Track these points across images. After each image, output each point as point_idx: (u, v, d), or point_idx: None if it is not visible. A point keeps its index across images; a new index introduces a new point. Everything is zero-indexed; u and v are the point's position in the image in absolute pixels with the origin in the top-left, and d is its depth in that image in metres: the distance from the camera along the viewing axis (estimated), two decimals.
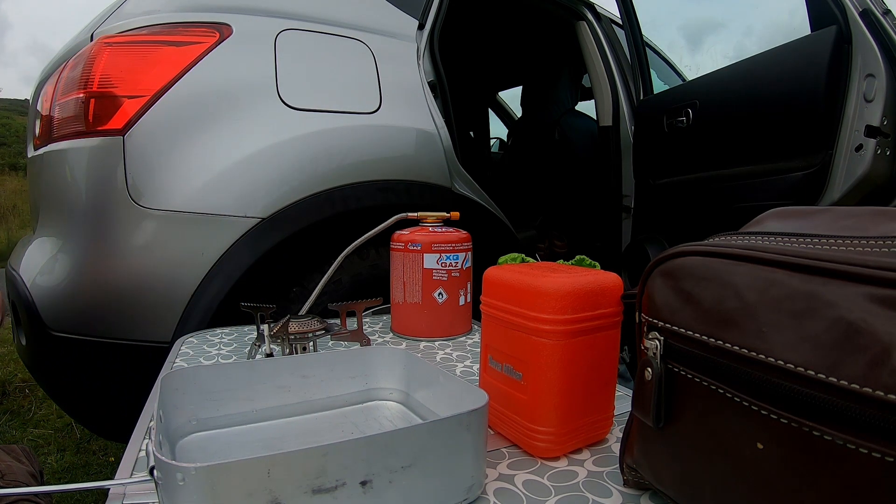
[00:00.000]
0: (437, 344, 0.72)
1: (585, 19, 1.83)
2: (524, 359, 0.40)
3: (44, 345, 0.90)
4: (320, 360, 0.46)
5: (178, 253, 0.88)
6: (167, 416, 0.37)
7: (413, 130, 1.14)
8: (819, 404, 0.21)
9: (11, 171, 11.10)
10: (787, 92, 1.18)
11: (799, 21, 1.25)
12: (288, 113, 0.99)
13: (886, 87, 1.08)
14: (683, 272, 0.28)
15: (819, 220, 0.28)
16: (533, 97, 2.50)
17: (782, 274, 0.24)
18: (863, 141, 1.11)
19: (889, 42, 1.09)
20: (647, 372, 0.30)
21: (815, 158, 1.17)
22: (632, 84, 1.79)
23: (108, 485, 0.33)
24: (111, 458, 1.60)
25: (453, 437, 0.32)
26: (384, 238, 0.77)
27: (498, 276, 0.43)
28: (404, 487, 0.30)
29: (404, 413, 0.46)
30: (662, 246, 1.56)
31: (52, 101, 0.93)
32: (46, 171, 0.94)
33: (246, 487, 0.26)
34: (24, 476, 0.54)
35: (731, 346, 0.25)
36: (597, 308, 0.39)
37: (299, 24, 1.06)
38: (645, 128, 1.66)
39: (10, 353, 2.41)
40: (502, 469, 0.38)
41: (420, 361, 0.45)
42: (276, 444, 0.40)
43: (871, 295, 0.21)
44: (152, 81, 0.89)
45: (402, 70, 1.18)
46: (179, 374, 0.39)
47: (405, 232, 0.75)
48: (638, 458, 0.33)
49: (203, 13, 0.97)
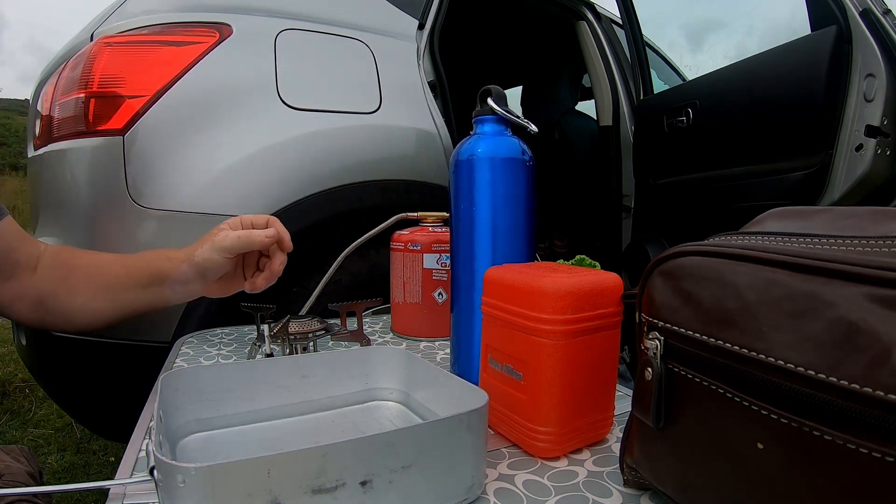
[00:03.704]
0: (437, 344, 0.72)
1: (585, 19, 1.83)
2: (524, 359, 0.40)
3: (44, 345, 0.91)
4: (320, 360, 0.46)
5: None
6: (167, 416, 0.37)
7: (413, 130, 1.14)
8: (819, 404, 0.21)
9: (11, 171, 11.11)
10: (788, 92, 1.18)
11: (799, 21, 1.25)
12: (288, 113, 0.99)
13: (886, 87, 1.08)
14: (683, 272, 0.28)
15: (819, 220, 0.28)
16: (533, 97, 2.50)
17: (782, 274, 0.24)
18: (863, 141, 1.11)
19: (889, 42, 1.09)
20: (647, 372, 0.30)
21: (815, 158, 1.17)
22: (632, 84, 1.79)
23: (108, 485, 0.33)
24: (111, 458, 1.60)
25: (453, 437, 0.32)
26: (384, 238, 0.77)
27: (498, 275, 0.43)
28: (404, 487, 0.30)
29: (404, 413, 0.46)
30: (662, 246, 1.56)
31: (52, 101, 0.93)
32: (46, 171, 0.94)
33: (246, 487, 0.26)
34: (24, 476, 0.54)
35: (731, 345, 0.25)
36: (597, 308, 0.39)
37: (299, 24, 1.06)
38: (645, 128, 1.66)
39: (10, 353, 2.41)
40: (502, 469, 0.38)
41: (420, 361, 0.45)
42: (276, 444, 0.40)
43: (872, 295, 0.21)
44: (152, 81, 0.89)
45: (403, 70, 1.18)
46: (179, 374, 0.39)
47: (405, 232, 0.75)
48: (638, 458, 0.33)
49: (203, 13, 0.97)
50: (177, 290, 0.65)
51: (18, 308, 0.64)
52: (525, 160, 0.52)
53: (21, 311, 0.64)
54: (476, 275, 0.51)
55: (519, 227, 0.52)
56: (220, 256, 0.61)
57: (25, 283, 0.63)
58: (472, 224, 0.52)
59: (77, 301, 0.64)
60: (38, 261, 0.65)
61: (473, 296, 0.52)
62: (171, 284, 0.64)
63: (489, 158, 0.51)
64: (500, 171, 0.51)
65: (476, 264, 0.52)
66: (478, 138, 0.53)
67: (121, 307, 0.66)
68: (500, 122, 0.53)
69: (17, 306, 0.64)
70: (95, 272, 0.65)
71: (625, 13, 1.73)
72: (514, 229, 0.52)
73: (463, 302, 0.54)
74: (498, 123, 0.53)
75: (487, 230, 0.52)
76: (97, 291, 0.65)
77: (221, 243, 0.61)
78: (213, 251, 0.61)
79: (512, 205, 0.52)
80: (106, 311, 0.65)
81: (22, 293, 0.63)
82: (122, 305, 0.66)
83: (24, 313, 0.65)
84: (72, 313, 0.65)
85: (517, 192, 0.52)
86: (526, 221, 0.53)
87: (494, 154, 0.51)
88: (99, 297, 0.65)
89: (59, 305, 0.64)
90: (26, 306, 0.64)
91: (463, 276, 0.54)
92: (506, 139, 0.52)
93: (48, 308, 0.64)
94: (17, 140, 16.55)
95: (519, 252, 0.53)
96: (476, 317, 0.47)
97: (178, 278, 0.64)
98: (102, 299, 0.65)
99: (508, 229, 0.52)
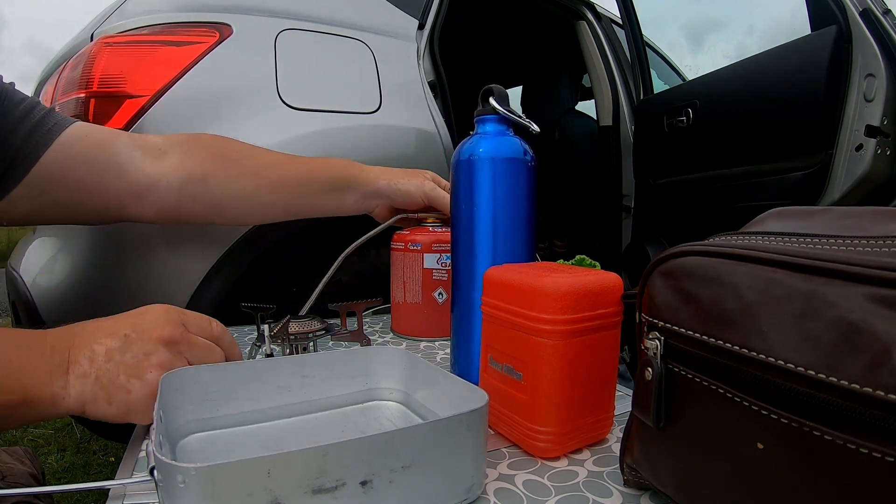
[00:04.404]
0: (437, 344, 0.72)
1: (585, 19, 1.83)
2: (524, 359, 0.40)
3: None
4: (320, 360, 0.46)
5: (179, 253, 0.88)
6: (167, 416, 0.37)
7: (413, 130, 1.14)
8: (819, 404, 0.21)
9: None
10: (788, 91, 1.18)
11: (800, 21, 1.25)
12: (288, 113, 0.99)
13: (886, 87, 1.08)
14: (683, 272, 0.28)
15: (819, 219, 0.28)
16: (533, 97, 2.50)
17: (783, 274, 0.24)
18: (863, 141, 1.11)
19: (889, 42, 1.09)
20: (647, 372, 0.30)
21: (816, 158, 1.17)
22: (632, 84, 1.79)
23: (108, 485, 0.33)
24: (111, 458, 1.61)
25: (453, 437, 0.32)
26: (384, 238, 0.77)
27: (498, 275, 0.43)
28: (405, 487, 0.30)
29: (404, 413, 0.46)
30: (662, 246, 1.56)
31: (52, 100, 0.93)
32: None
33: (246, 488, 0.26)
34: (26, 478, 0.54)
35: (731, 345, 0.25)
36: (597, 308, 0.39)
37: (299, 24, 1.06)
38: (645, 127, 1.66)
39: None
40: (502, 469, 0.38)
41: (420, 361, 0.45)
42: (276, 444, 0.40)
43: (872, 295, 0.21)
44: (153, 81, 0.89)
45: (403, 70, 1.18)
46: (179, 374, 0.39)
47: (405, 232, 0.75)
48: (638, 458, 0.33)
49: (203, 13, 0.97)
50: (360, 202, 0.65)
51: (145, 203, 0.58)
52: (527, 160, 0.52)
53: (147, 208, 0.58)
54: (476, 275, 0.51)
55: (520, 228, 0.52)
56: (420, 200, 0.65)
57: (152, 171, 0.57)
58: (472, 224, 0.52)
59: (238, 188, 0.60)
60: (167, 147, 0.59)
61: (473, 296, 0.52)
62: (357, 194, 0.63)
63: (490, 158, 0.51)
64: (501, 171, 0.51)
65: (476, 264, 0.52)
66: (479, 138, 0.53)
67: (294, 206, 0.63)
68: (501, 122, 0.53)
69: (144, 201, 0.58)
70: (267, 165, 0.62)
71: (625, 13, 1.73)
72: (514, 229, 0.52)
73: (463, 302, 0.54)
74: (500, 123, 0.53)
75: (488, 230, 0.52)
76: (272, 186, 0.61)
77: (431, 193, 0.64)
78: (419, 192, 0.65)
79: (513, 205, 0.52)
80: (277, 206, 0.62)
81: (150, 184, 0.57)
82: (296, 204, 0.63)
83: (150, 209, 0.59)
84: (227, 201, 0.60)
85: (518, 193, 0.52)
86: (527, 222, 0.53)
87: (496, 154, 0.51)
88: (271, 191, 0.61)
89: (211, 191, 0.59)
90: (155, 199, 0.58)
91: (463, 276, 0.54)
92: (507, 139, 0.52)
93: (192, 194, 0.59)
94: None
95: (519, 252, 0.53)
96: (476, 317, 0.47)
97: (369, 192, 0.64)
98: (274, 194, 0.61)
99: (509, 229, 0.52)
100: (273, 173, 0.62)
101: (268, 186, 0.62)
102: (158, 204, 0.60)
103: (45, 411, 0.38)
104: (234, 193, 0.61)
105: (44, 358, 0.38)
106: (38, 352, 0.38)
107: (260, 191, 0.61)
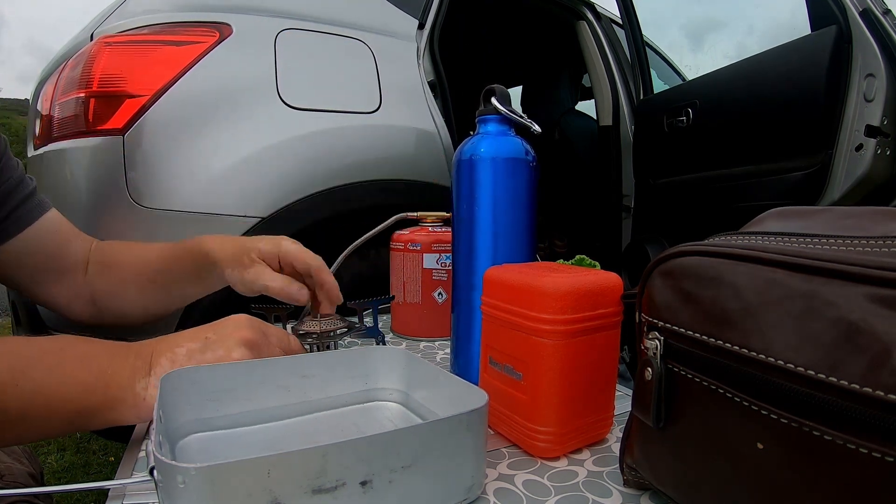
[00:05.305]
0: (437, 344, 0.72)
1: (585, 19, 1.83)
2: (524, 359, 0.40)
3: None
4: (320, 360, 0.46)
5: None
6: (167, 416, 0.37)
7: (413, 130, 1.14)
8: (819, 404, 0.21)
9: None
10: (788, 91, 1.18)
11: (800, 21, 1.25)
12: (288, 112, 0.99)
13: (886, 87, 1.08)
14: (683, 272, 0.28)
15: (819, 219, 0.28)
16: (533, 97, 2.50)
17: (782, 274, 0.24)
18: (863, 141, 1.11)
19: (889, 42, 1.09)
20: (647, 372, 0.30)
21: (815, 158, 1.17)
22: (632, 84, 1.79)
23: (108, 485, 0.33)
24: (111, 458, 1.61)
25: (453, 437, 0.32)
26: (384, 238, 0.77)
27: (498, 275, 0.43)
28: (404, 487, 0.30)
29: (404, 413, 0.46)
30: (662, 246, 1.56)
31: (52, 100, 0.93)
32: (46, 170, 0.94)
33: (246, 488, 0.26)
34: (25, 477, 0.54)
35: (731, 345, 0.25)
36: (597, 308, 0.39)
37: (299, 24, 1.06)
38: (645, 127, 1.66)
39: None
40: (502, 469, 0.38)
41: (420, 361, 0.45)
42: (276, 444, 0.40)
43: (872, 295, 0.21)
44: (152, 81, 0.89)
45: (402, 70, 1.18)
46: (179, 374, 0.39)
47: (405, 232, 0.75)
48: (638, 458, 0.33)
49: (203, 13, 0.97)
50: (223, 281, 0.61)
51: (76, 308, 0.61)
52: (528, 160, 0.52)
53: (79, 312, 0.61)
54: (476, 275, 0.51)
55: (520, 228, 0.52)
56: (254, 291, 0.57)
57: (79, 282, 0.60)
58: (472, 224, 0.52)
59: (128, 297, 0.61)
60: (89, 257, 0.62)
61: (473, 296, 0.52)
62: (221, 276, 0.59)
63: (491, 158, 0.51)
64: (502, 171, 0.51)
65: (476, 264, 0.52)
66: (480, 138, 0.53)
67: (171, 299, 0.63)
68: (503, 122, 0.53)
69: (75, 306, 0.61)
70: (142, 266, 0.62)
71: (625, 13, 1.73)
72: (515, 230, 0.52)
73: (463, 302, 0.54)
74: (501, 123, 0.53)
75: (488, 230, 0.52)
76: (146, 286, 0.61)
77: (256, 283, 0.55)
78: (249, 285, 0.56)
79: (514, 205, 0.52)
80: (159, 304, 0.63)
81: (77, 292, 0.60)
82: (172, 297, 0.63)
83: (82, 314, 0.62)
84: (126, 310, 0.62)
85: (519, 193, 0.52)
86: (527, 222, 0.53)
87: (497, 154, 0.51)
88: (148, 291, 0.61)
89: (113, 303, 0.61)
90: (82, 306, 0.61)
91: (463, 276, 0.54)
92: (509, 139, 0.52)
93: (103, 306, 0.61)
94: (16, 140, 16.55)
95: (520, 252, 0.52)
96: (476, 317, 0.47)
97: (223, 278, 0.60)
98: (151, 293, 0.62)
99: (509, 229, 0.52)
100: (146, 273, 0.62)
101: (146, 287, 0.62)
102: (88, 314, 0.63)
103: (128, 413, 0.40)
104: (127, 303, 0.63)
105: (128, 361, 0.41)
106: (123, 356, 0.41)
107: (144, 293, 0.63)
